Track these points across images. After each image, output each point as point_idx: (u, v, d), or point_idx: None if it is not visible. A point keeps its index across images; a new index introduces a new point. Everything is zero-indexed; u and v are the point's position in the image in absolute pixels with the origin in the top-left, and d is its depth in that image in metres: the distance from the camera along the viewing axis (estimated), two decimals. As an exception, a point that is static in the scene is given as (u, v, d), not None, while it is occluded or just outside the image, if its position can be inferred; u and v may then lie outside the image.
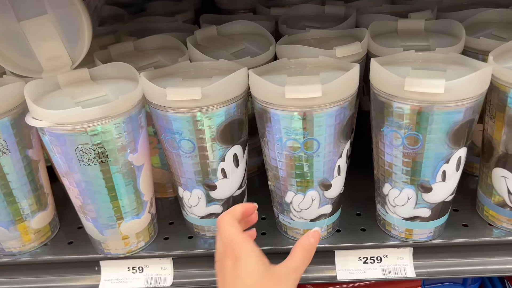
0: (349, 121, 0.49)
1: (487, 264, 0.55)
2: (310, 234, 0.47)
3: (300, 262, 0.45)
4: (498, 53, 0.51)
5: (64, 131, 0.45)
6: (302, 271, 0.45)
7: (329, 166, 0.50)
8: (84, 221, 0.53)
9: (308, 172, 0.49)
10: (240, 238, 0.44)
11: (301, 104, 0.45)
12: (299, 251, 0.45)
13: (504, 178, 0.51)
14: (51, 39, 0.53)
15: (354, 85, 0.47)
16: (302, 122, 0.46)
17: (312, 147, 0.47)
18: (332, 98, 0.45)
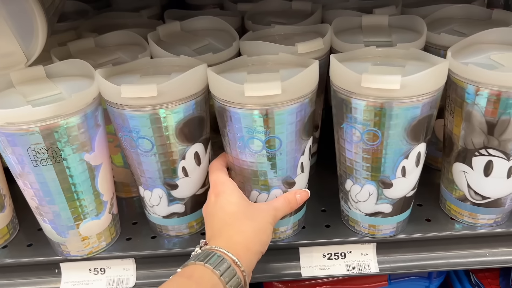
0: (311, 117, 0.48)
1: (450, 257, 0.55)
2: (298, 191, 0.50)
3: (281, 206, 0.48)
4: (457, 49, 0.51)
5: (15, 131, 0.44)
6: (280, 215, 0.48)
7: (292, 163, 0.49)
8: (42, 223, 0.52)
9: (271, 171, 0.49)
10: (224, 178, 0.49)
11: (261, 102, 0.44)
12: (282, 198, 0.49)
13: (464, 173, 0.52)
14: (3, 36, 0.51)
15: (314, 81, 0.47)
16: (263, 120, 0.45)
17: (274, 145, 0.47)
18: (292, 95, 0.44)
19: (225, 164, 0.51)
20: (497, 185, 0.51)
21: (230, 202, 0.47)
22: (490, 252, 0.55)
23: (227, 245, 0.43)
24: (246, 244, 0.44)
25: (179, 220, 0.55)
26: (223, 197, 0.47)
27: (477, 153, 0.49)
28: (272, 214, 0.47)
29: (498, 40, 0.52)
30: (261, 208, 0.48)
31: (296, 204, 0.50)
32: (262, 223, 0.46)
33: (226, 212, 0.46)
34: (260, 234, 0.46)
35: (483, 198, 0.52)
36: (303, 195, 0.51)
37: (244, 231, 0.45)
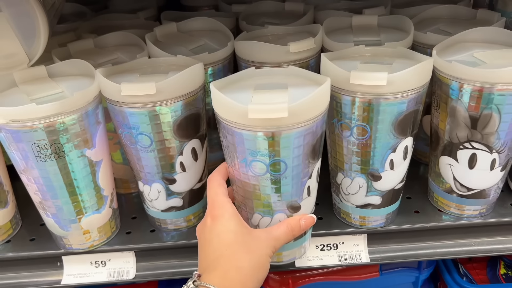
0: (319, 140, 0.45)
1: (437, 247, 0.57)
2: (303, 217, 0.47)
3: (282, 235, 0.45)
4: (442, 47, 0.54)
5: (20, 128, 0.45)
6: (280, 245, 0.46)
7: (298, 187, 0.46)
8: (45, 217, 0.54)
9: (275, 194, 0.46)
10: (223, 200, 0.45)
11: (266, 124, 0.41)
12: (284, 225, 0.46)
13: (450, 166, 0.54)
14: (6, 37, 0.53)
15: (325, 102, 0.44)
16: (268, 143, 0.42)
17: (279, 168, 0.44)
18: (300, 118, 0.41)
19: (225, 177, 0.48)
20: (481, 177, 0.53)
21: (228, 230, 0.43)
22: (476, 242, 0.57)
23: (222, 282, 0.41)
24: (242, 281, 0.42)
25: (177, 214, 0.57)
26: (220, 222, 0.44)
27: (461, 147, 0.52)
28: (272, 245, 0.45)
29: (481, 38, 0.55)
30: (260, 238, 0.44)
31: (300, 230, 0.47)
32: (260, 257, 0.43)
33: (223, 241, 0.43)
34: (257, 270, 0.43)
35: (468, 189, 0.55)
36: (308, 221, 0.48)
37: (241, 267, 0.42)
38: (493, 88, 0.47)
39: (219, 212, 0.44)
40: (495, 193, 0.56)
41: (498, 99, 0.47)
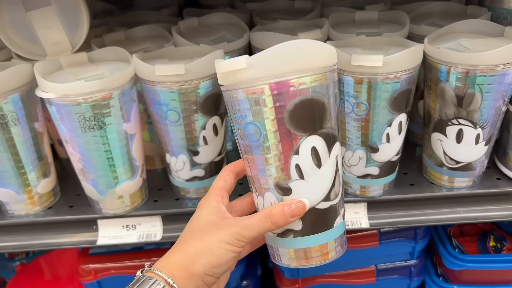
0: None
1: (430, 215, 0.64)
2: (291, 203, 0.43)
3: (254, 223, 0.43)
4: (434, 37, 0.61)
5: (69, 102, 0.53)
6: (251, 234, 0.42)
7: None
8: (84, 183, 0.62)
9: None
10: (213, 192, 0.47)
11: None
12: (262, 213, 0.43)
13: (440, 141, 0.61)
14: (54, 27, 0.61)
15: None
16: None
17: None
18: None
19: (236, 171, 0.49)
20: (468, 151, 0.60)
21: (197, 217, 0.45)
22: (464, 210, 0.64)
23: (163, 264, 0.42)
24: (183, 263, 0.42)
25: (199, 183, 0.65)
26: (196, 211, 0.46)
27: (450, 123, 0.59)
28: (234, 233, 0.42)
29: (468, 29, 0.62)
30: (221, 226, 0.43)
31: (282, 218, 0.43)
32: (210, 243, 0.42)
33: (187, 228, 0.45)
34: (204, 254, 0.42)
35: (456, 162, 0.62)
36: (296, 208, 0.43)
37: (185, 250, 0.43)
38: (476, 70, 0.54)
39: (202, 201, 0.47)
40: (480, 167, 0.63)
41: (479, 80, 0.54)
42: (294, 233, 0.46)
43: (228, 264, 0.43)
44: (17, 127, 0.59)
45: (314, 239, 0.46)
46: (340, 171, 0.46)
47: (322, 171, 0.44)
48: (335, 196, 0.46)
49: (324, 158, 0.43)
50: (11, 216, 0.65)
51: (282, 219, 0.43)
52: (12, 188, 0.62)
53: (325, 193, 0.45)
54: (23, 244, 0.65)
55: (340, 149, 0.46)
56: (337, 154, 0.45)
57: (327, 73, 0.42)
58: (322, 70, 0.42)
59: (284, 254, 0.48)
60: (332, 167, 0.44)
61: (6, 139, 0.59)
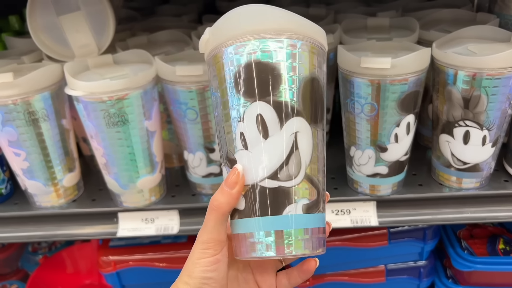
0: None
1: (438, 214, 0.66)
2: (224, 180, 0.39)
3: (205, 220, 0.41)
4: (442, 42, 0.63)
5: (95, 99, 0.57)
6: (209, 230, 0.40)
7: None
8: (107, 177, 0.66)
9: None
10: (211, 202, 0.41)
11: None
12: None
13: (448, 143, 0.63)
14: (82, 31, 0.66)
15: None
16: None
17: None
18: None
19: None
20: (474, 152, 0.62)
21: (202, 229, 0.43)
22: (471, 211, 0.66)
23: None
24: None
25: (214, 180, 0.68)
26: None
27: (457, 125, 0.61)
28: (197, 244, 0.41)
29: (476, 35, 0.64)
30: (193, 247, 0.42)
31: (224, 194, 0.39)
32: (187, 265, 0.41)
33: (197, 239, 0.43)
34: (186, 277, 0.40)
35: (464, 163, 0.64)
36: (230, 174, 0.39)
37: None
38: (482, 73, 0.56)
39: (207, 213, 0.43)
40: (488, 168, 0.64)
41: (486, 83, 0.56)
42: (239, 213, 0.40)
43: (213, 274, 0.40)
44: (47, 123, 0.63)
45: (259, 222, 0.38)
46: (303, 153, 0.39)
47: (269, 143, 0.38)
48: (288, 177, 0.38)
49: (273, 129, 0.38)
50: (38, 207, 0.69)
51: (223, 196, 0.39)
52: (40, 180, 0.66)
53: (272, 169, 0.38)
54: (48, 234, 0.69)
55: (313, 132, 0.39)
56: (298, 131, 0.38)
57: (282, 38, 0.38)
58: (277, 35, 0.38)
59: (237, 241, 0.41)
60: (284, 142, 0.38)
61: (36, 134, 0.63)
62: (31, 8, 0.64)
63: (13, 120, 0.60)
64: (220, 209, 0.39)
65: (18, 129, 0.61)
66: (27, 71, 0.63)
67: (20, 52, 0.75)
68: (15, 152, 0.63)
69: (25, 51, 0.74)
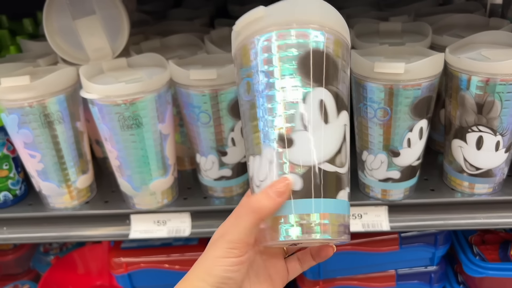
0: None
1: (449, 219, 0.66)
2: (272, 185, 0.39)
3: (239, 220, 0.40)
4: (455, 47, 0.63)
5: (110, 102, 0.58)
6: (241, 231, 0.39)
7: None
8: (120, 179, 0.66)
9: None
10: (252, 203, 0.41)
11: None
12: (243, 207, 0.42)
13: (460, 148, 0.63)
14: (97, 35, 0.67)
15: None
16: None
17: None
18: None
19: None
20: (487, 157, 0.62)
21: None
22: (484, 216, 0.65)
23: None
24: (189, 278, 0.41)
25: (226, 183, 0.68)
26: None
27: (470, 130, 0.61)
28: (223, 243, 0.40)
29: (489, 40, 0.64)
30: (216, 240, 0.41)
31: (270, 201, 0.38)
32: (207, 262, 0.40)
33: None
34: (204, 275, 0.40)
35: (476, 169, 0.63)
36: (282, 186, 0.38)
37: (190, 277, 0.42)
38: (495, 78, 0.56)
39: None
40: (501, 174, 0.64)
41: (499, 88, 0.56)
42: (294, 194, 0.39)
43: (234, 275, 0.40)
44: (61, 125, 0.64)
45: (316, 203, 0.39)
46: (347, 144, 0.42)
47: (329, 129, 0.40)
48: (341, 165, 0.41)
49: (332, 116, 0.40)
50: (51, 208, 0.70)
51: (268, 201, 0.38)
52: (54, 182, 0.67)
53: (331, 154, 0.40)
54: (61, 235, 0.70)
55: (349, 125, 0.43)
56: (346, 123, 0.42)
57: (340, 37, 0.42)
58: (335, 32, 0.41)
59: (280, 223, 0.39)
60: (339, 130, 0.41)
61: (51, 136, 0.64)
62: (48, 12, 0.65)
63: (29, 122, 0.61)
64: (260, 213, 0.38)
65: (34, 131, 0.62)
66: (42, 74, 0.64)
67: (35, 55, 0.76)
68: (30, 154, 0.64)
69: (40, 54, 0.75)
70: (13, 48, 0.86)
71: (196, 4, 1.09)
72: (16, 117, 0.61)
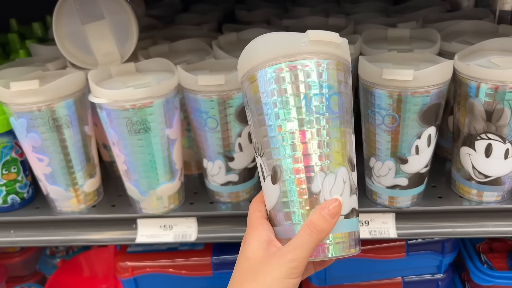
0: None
1: (457, 227, 0.65)
2: (324, 206, 0.41)
3: (300, 244, 0.41)
4: (464, 54, 0.63)
5: (118, 107, 0.58)
6: (305, 250, 0.41)
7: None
8: (127, 184, 0.66)
9: None
10: (255, 223, 0.46)
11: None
12: (303, 228, 0.42)
13: (469, 155, 0.63)
14: (106, 39, 0.67)
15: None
16: None
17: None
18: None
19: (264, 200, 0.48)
20: (496, 165, 0.61)
21: (244, 257, 0.44)
22: (493, 225, 0.65)
23: None
24: None
25: (233, 188, 0.68)
26: (243, 247, 0.45)
27: (478, 138, 0.60)
28: (286, 262, 0.40)
29: (499, 47, 0.64)
30: (272, 259, 0.41)
31: (326, 222, 0.41)
32: (266, 283, 0.40)
33: (237, 271, 0.44)
34: None
35: (485, 177, 0.63)
36: (333, 208, 0.41)
37: None
38: (505, 86, 0.56)
39: (246, 236, 0.46)
40: (510, 181, 0.63)
41: (509, 96, 0.56)
42: None
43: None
44: (69, 129, 0.64)
45: (344, 223, 0.44)
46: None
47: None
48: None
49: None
50: (59, 212, 0.70)
51: (326, 223, 0.41)
52: (62, 186, 0.67)
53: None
54: (68, 238, 0.70)
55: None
56: None
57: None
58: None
59: (340, 241, 0.43)
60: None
61: (59, 140, 0.64)
62: (57, 17, 0.65)
63: (38, 126, 0.61)
64: (321, 235, 0.41)
65: (42, 135, 0.62)
66: (51, 78, 0.64)
67: (44, 59, 0.77)
68: (38, 157, 0.64)
69: (49, 58, 0.76)
70: (23, 52, 0.87)
71: (204, 9, 1.09)
72: (25, 121, 0.61)
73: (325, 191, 0.43)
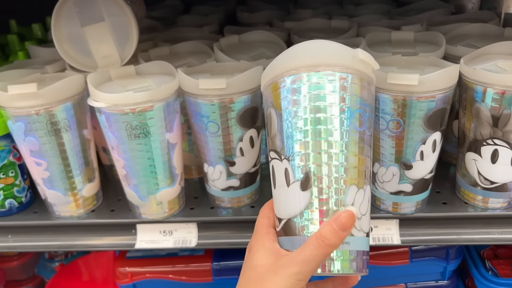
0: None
1: (462, 234, 0.64)
2: (337, 216, 0.40)
3: (309, 254, 0.40)
4: (470, 58, 0.62)
5: (117, 111, 0.57)
6: (312, 264, 0.40)
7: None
8: (127, 189, 0.65)
9: None
10: (262, 231, 0.45)
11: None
12: (311, 240, 0.40)
13: (475, 161, 0.62)
14: (106, 42, 0.66)
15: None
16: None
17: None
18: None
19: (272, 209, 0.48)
20: (503, 171, 0.60)
21: (250, 265, 0.43)
22: (498, 232, 0.64)
23: None
24: None
25: (234, 193, 0.67)
26: (248, 254, 0.45)
27: (485, 143, 0.59)
28: (291, 273, 0.40)
29: (505, 51, 0.63)
30: (278, 268, 0.41)
31: (336, 236, 0.39)
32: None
33: (243, 279, 0.43)
34: None
35: (491, 183, 0.62)
36: (345, 219, 0.39)
37: None
38: (511, 91, 0.55)
39: (252, 243, 0.46)
40: (516, 188, 0.62)
41: (516, 101, 0.55)
42: None
43: None
44: (68, 133, 0.63)
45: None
46: None
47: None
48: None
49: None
50: (57, 217, 0.69)
51: (335, 236, 0.39)
52: (60, 190, 0.66)
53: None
54: (66, 244, 0.69)
55: None
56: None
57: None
58: None
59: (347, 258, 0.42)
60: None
61: (58, 144, 0.63)
62: (56, 19, 0.64)
63: (36, 130, 0.60)
64: (330, 249, 0.40)
65: (40, 139, 0.61)
66: (50, 81, 0.63)
67: (43, 61, 0.76)
68: (36, 161, 0.63)
69: (48, 61, 0.75)
70: (22, 54, 0.86)
71: (205, 10, 1.08)
72: (23, 124, 0.60)
73: (356, 205, 0.43)
